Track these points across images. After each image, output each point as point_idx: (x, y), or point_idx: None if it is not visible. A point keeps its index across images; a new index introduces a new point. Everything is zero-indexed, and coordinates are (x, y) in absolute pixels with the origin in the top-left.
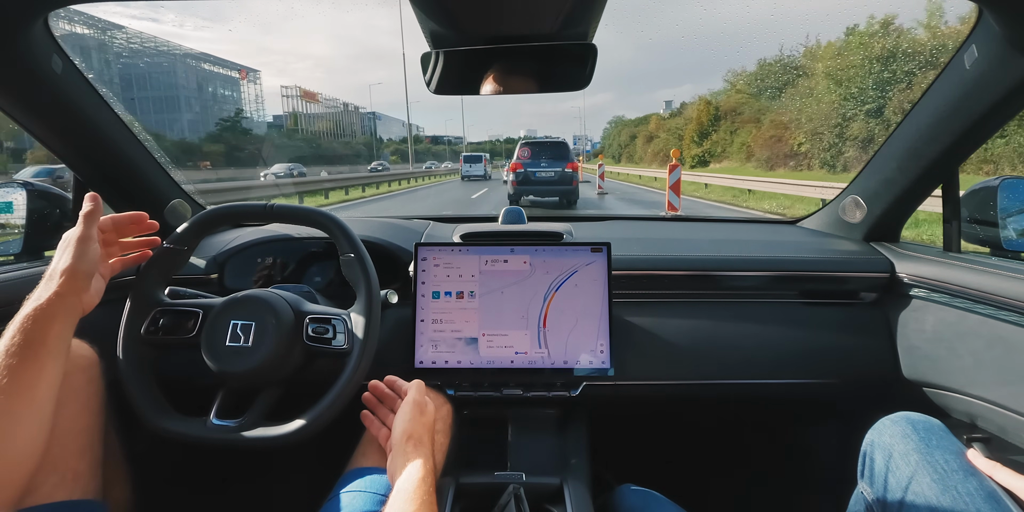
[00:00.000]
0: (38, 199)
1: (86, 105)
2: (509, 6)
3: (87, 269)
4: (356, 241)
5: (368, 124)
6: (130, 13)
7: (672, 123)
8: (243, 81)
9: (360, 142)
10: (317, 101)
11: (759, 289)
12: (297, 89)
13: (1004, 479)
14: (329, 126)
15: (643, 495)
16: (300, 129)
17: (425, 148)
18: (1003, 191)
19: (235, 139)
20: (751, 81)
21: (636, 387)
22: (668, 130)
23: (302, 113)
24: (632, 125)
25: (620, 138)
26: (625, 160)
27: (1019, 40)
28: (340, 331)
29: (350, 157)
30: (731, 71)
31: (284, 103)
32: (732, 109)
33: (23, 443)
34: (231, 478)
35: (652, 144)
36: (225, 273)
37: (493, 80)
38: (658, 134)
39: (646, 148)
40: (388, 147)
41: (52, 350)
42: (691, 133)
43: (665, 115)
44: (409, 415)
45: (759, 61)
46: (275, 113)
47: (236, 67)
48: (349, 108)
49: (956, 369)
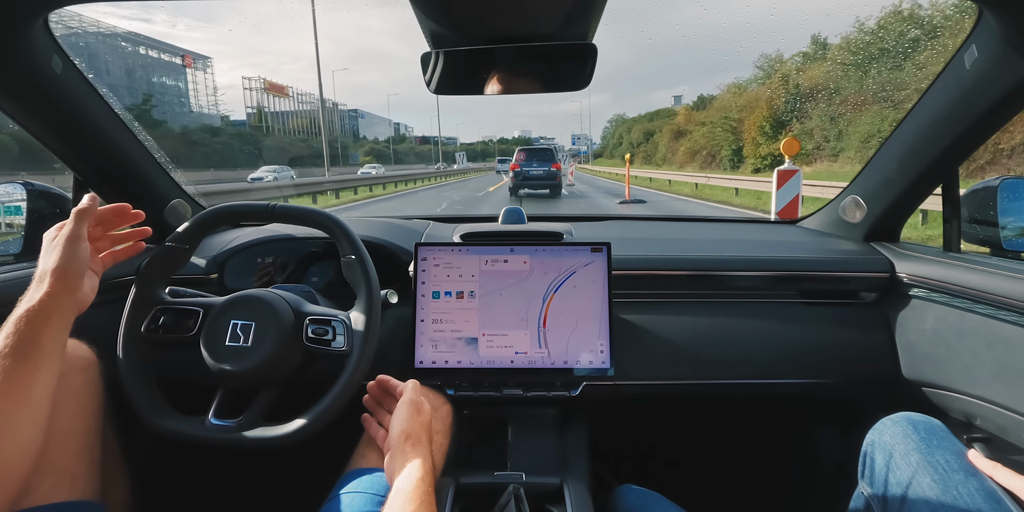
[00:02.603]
0: (38, 199)
1: (86, 105)
2: (509, 6)
3: (77, 268)
4: (357, 243)
5: (350, 122)
6: (121, 13)
7: (703, 116)
8: (188, 69)
9: (327, 141)
10: (286, 95)
11: (759, 289)
12: (261, 81)
13: (1004, 479)
14: (303, 124)
15: (643, 495)
16: (265, 127)
17: (408, 148)
18: (1003, 191)
19: (173, 137)
20: (857, 46)
21: (636, 387)
22: (705, 123)
23: (270, 109)
24: (644, 121)
25: (631, 136)
26: (641, 161)
27: (1019, 40)
28: (340, 333)
29: (309, 158)
30: (763, 56)
31: (247, 97)
32: (818, 87)
33: (18, 444)
34: (231, 479)
35: (685, 141)
36: (225, 273)
37: (493, 80)
38: (689, 128)
39: (674, 146)
40: (363, 146)
41: (47, 351)
42: (757, 124)
43: (677, 109)
44: (406, 415)
45: (857, 23)
46: (249, 108)
47: (179, 52)
48: (327, 104)
49: (956, 369)
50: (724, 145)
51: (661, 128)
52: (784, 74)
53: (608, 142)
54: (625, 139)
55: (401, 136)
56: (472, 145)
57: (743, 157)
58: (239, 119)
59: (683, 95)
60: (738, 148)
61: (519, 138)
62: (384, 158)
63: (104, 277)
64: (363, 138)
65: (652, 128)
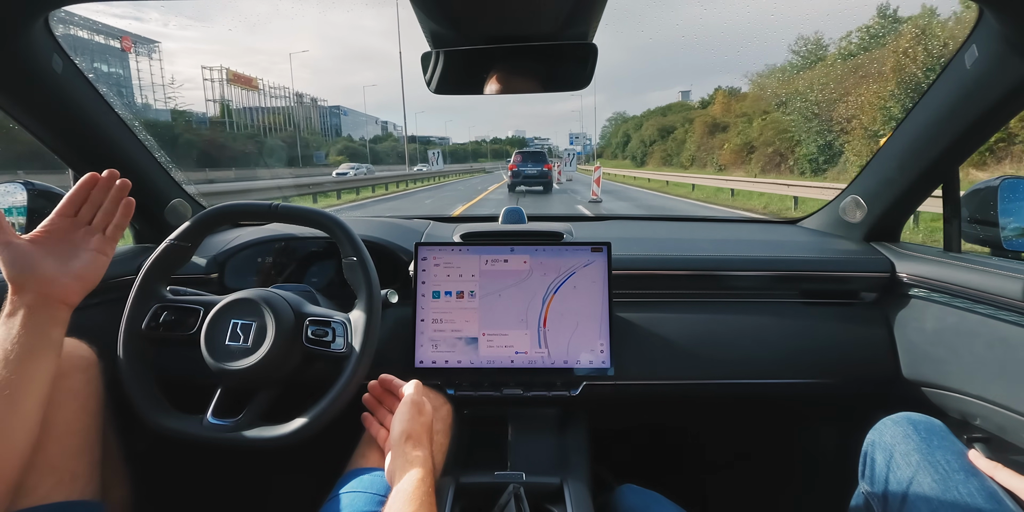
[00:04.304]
0: (38, 198)
1: (86, 105)
2: (509, 6)
3: (22, 271)
4: (359, 244)
5: (331, 120)
6: (113, 11)
7: (748, 106)
8: (129, 54)
9: (285, 139)
10: (255, 87)
11: (759, 289)
12: (223, 71)
13: (1005, 479)
14: (278, 121)
15: (643, 495)
16: (229, 122)
17: (389, 147)
18: (1003, 191)
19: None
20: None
21: (636, 387)
22: (752, 114)
23: (240, 105)
24: (656, 116)
25: (643, 133)
26: (659, 162)
27: (1020, 40)
28: (340, 334)
29: (255, 157)
30: (801, 38)
31: (209, 89)
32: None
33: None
34: (231, 478)
35: (725, 137)
36: (225, 272)
37: (493, 80)
38: (727, 120)
39: (708, 143)
40: (336, 145)
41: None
42: (877, 105)
43: (694, 104)
44: (407, 415)
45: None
46: (211, 101)
47: (117, 34)
48: (304, 100)
49: (956, 369)
50: (806, 139)
51: (684, 123)
52: (920, 29)
53: (610, 141)
54: (635, 137)
55: (387, 134)
56: (464, 145)
57: (836, 154)
58: (201, 113)
59: (691, 90)
60: (826, 143)
61: (513, 138)
62: (359, 157)
63: (104, 277)
64: (339, 136)
65: (669, 123)
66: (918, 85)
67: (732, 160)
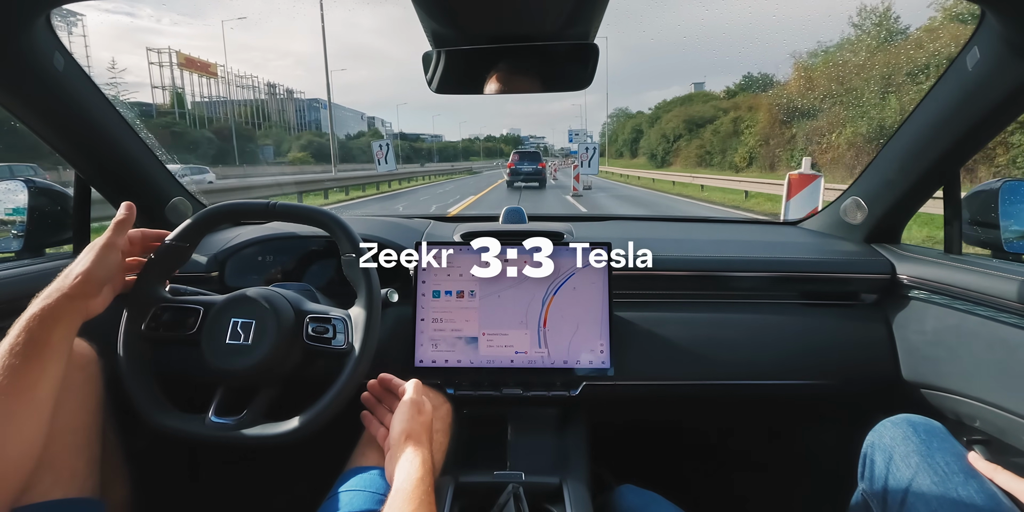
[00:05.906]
0: (39, 196)
1: (88, 103)
2: (511, 6)
3: (102, 276)
4: (358, 241)
5: (311, 114)
6: (104, 6)
7: (852, 78)
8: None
9: (220, 131)
10: (213, 74)
11: (760, 290)
12: (172, 55)
13: (1004, 482)
14: (245, 113)
15: (643, 495)
16: (180, 113)
17: (366, 143)
18: (1004, 193)
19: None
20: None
21: (636, 387)
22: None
23: (200, 95)
24: (676, 106)
25: (662, 126)
26: (689, 162)
27: (1022, 42)
28: (340, 331)
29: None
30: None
31: (155, 75)
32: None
33: (21, 443)
34: (230, 477)
35: (815, 125)
36: (226, 271)
37: (494, 80)
38: (809, 102)
39: (780, 134)
40: (299, 139)
41: (55, 351)
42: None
43: (719, 94)
44: (407, 414)
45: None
46: (157, 88)
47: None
48: (277, 91)
49: (956, 371)
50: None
51: (719, 112)
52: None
53: (616, 138)
54: (651, 132)
55: (373, 131)
56: (455, 143)
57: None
58: (146, 103)
59: (704, 82)
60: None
61: (508, 136)
62: (326, 156)
63: None
64: (313, 131)
65: (699, 114)
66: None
67: (838, 157)
